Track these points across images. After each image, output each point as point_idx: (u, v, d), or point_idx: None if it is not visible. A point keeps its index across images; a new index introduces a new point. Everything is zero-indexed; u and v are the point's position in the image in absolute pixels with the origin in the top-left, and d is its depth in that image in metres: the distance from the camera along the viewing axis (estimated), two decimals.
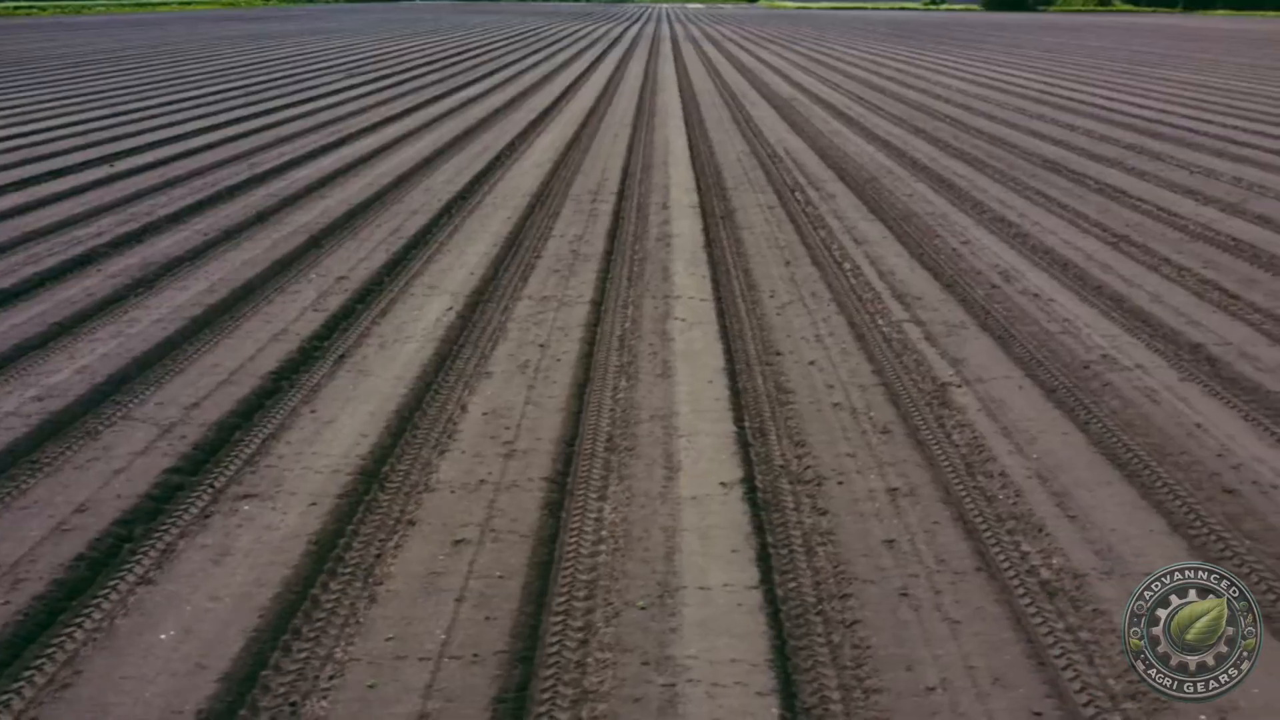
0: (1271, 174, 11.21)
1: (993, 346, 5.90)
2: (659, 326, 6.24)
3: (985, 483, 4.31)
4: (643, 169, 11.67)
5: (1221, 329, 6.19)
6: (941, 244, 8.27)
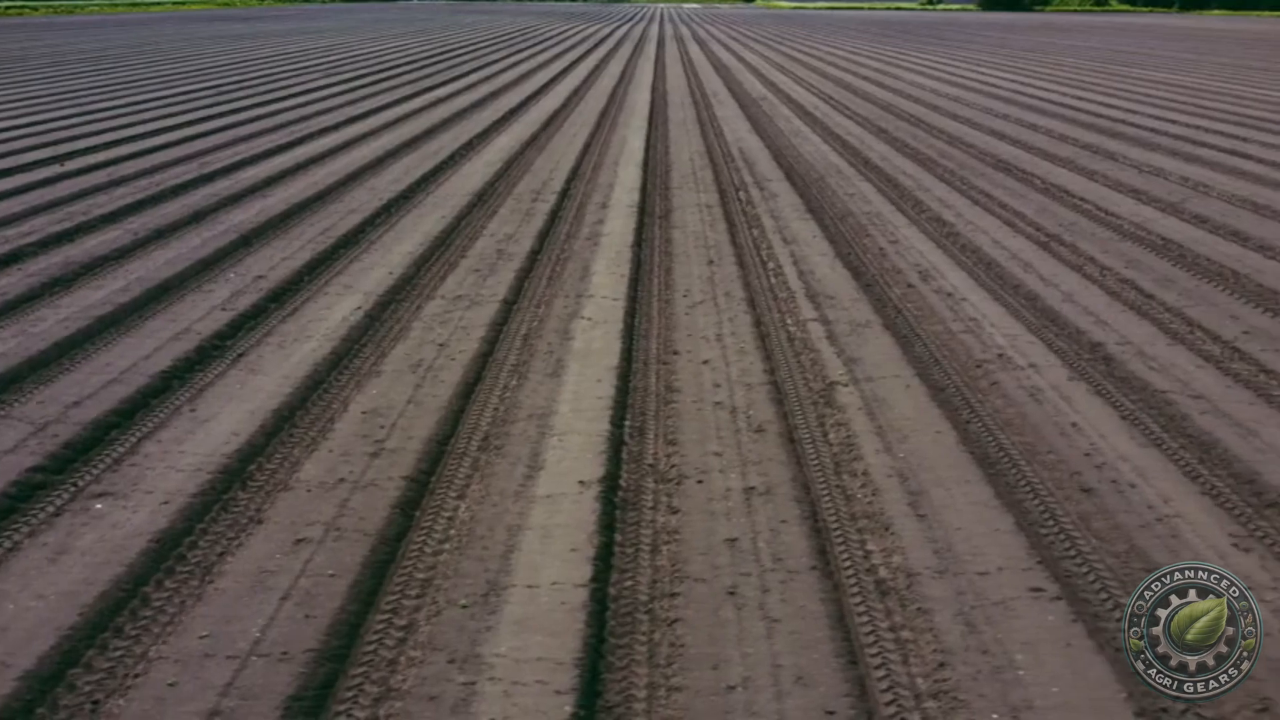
0: (1220, 174, 11.20)
1: (892, 345, 5.89)
2: (563, 326, 6.24)
3: (848, 481, 4.32)
4: (593, 168, 11.67)
5: (1126, 328, 6.19)
6: (870, 243, 8.27)
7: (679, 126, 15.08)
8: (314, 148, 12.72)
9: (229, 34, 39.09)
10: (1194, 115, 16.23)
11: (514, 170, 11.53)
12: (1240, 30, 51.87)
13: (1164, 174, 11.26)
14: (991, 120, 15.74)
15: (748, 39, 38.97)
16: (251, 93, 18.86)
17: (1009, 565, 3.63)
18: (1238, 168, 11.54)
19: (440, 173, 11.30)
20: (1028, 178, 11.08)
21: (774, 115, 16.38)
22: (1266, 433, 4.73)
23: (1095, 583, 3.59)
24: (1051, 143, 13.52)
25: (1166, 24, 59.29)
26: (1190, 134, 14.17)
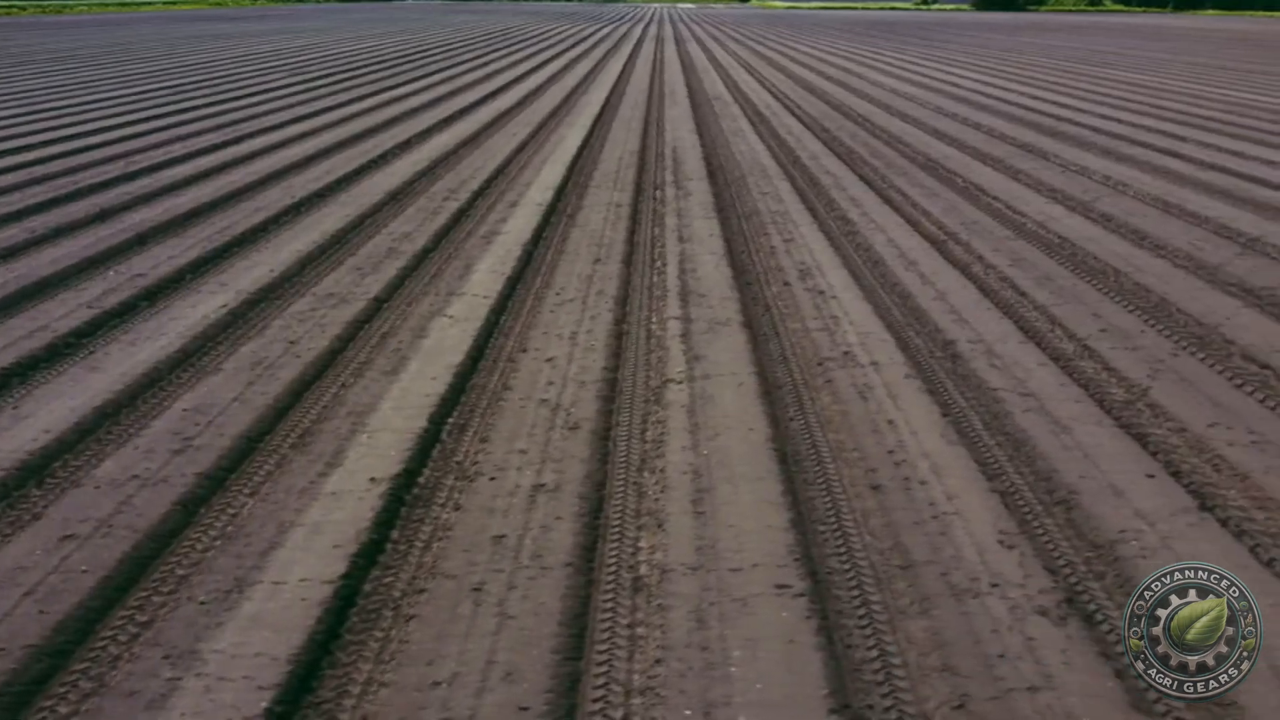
0: (1143, 172, 11.20)
1: (743, 344, 5.89)
2: (423, 324, 6.25)
3: (645, 479, 4.31)
4: (521, 168, 11.67)
5: (985, 326, 6.19)
6: (765, 242, 8.27)
7: (623, 125, 15.08)
8: (246, 148, 12.72)
9: (208, 34, 39.11)
10: (1142, 115, 16.21)
11: (440, 169, 11.54)
12: (1227, 30, 51.83)
13: (1088, 173, 11.25)
14: (938, 119, 15.73)
15: (728, 39, 38.96)
16: (209, 92, 18.88)
17: (765, 562, 3.63)
18: (1164, 166, 11.53)
19: (365, 172, 11.30)
20: (950, 176, 11.08)
21: (722, 115, 16.38)
22: (1080, 431, 4.73)
23: (850, 580, 3.58)
24: (988, 142, 13.52)
25: (1156, 24, 59.22)
26: (1131, 133, 14.16)
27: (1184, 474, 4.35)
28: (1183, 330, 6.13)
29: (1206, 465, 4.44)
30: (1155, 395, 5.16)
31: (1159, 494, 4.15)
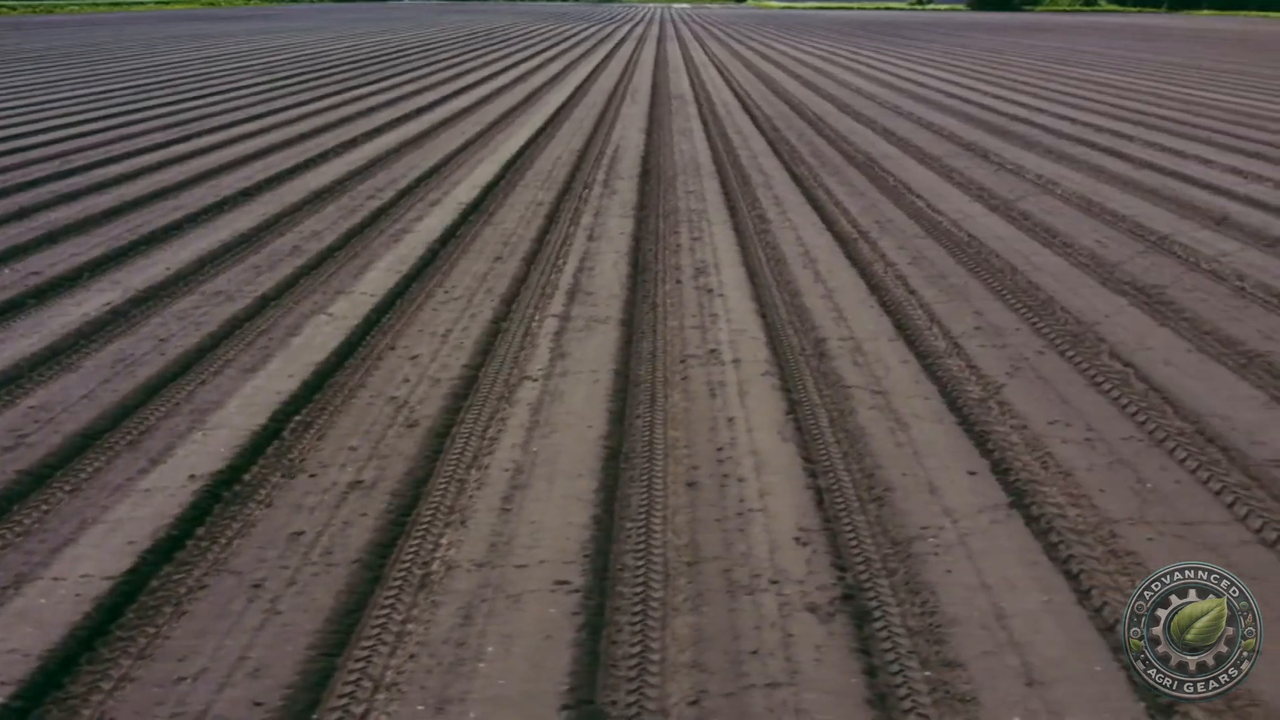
0: (1077, 171, 11.20)
1: (615, 341, 5.89)
2: (300, 322, 6.24)
3: (470, 474, 4.31)
4: (457, 165, 11.67)
5: (863, 324, 6.18)
6: (673, 240, 8.26)
7: (574, 125, 15.07)
8: (188, 147, 12.72)
9: (190, 34, 39.12)
10: (1100, 115, 16.19)
11: (375, 167, 11.53)
12: (1219, 30, 51.77)
13: (1023, 171, 11.25)
14: (893, 119, 15.72)
15: (710, 39, 38.92)
16: (171, 93, 18.88)
17: (552, 559, 3.63)
18: (1101, 165, 11.53)
19: (298, 171, 11.30)
20: (882, 175, 11.07)
21: (677, 114, 16.37)
22: (919, 429, 4.73)
23: (637, 577, 3.58)
24: (934, 141, 13.51)
25: (1148, 24, 59.11)
26: (1080, 133, 14.15)
27: (1010, 471, 4.35)
28: (1060, 328, 6.12)
29: (1035, 462, 4.43)
30: (1008, 393, 5.15)
31: (974, 491, 4.14)
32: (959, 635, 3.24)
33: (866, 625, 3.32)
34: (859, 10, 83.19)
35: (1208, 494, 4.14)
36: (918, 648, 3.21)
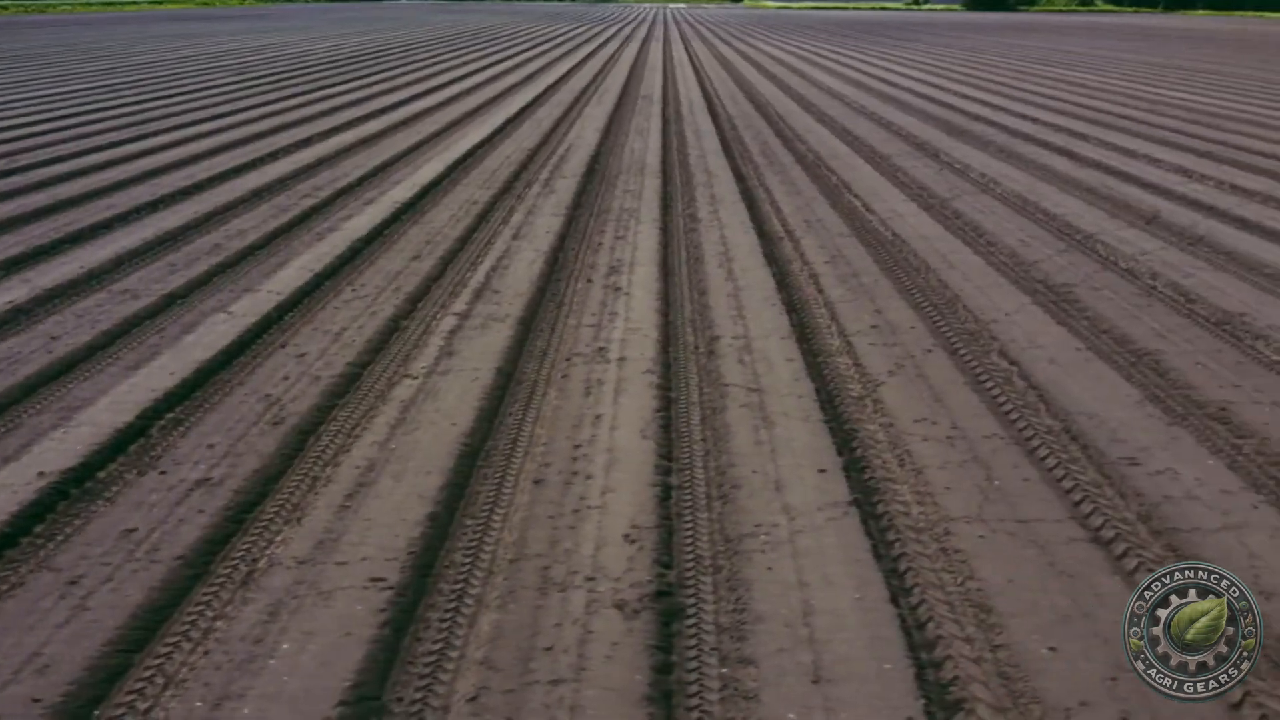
0: (1022, 170, 11.21)
1: (502, 341, 5.87)
2: (198, 320, 6.24)
3: (323, 473, 4.30)
4: (404, 164, 11.66)
5: (759, 323, 6.19)
6: (597, 239, 8.27)
7: (534, 124, 15.07)
8: (138, 146, 12.71)
9: (177, 33, 39.13)
10: (1061, 114, 16.19)
11: (322, 166, 11.54)
12: (1209, 30, 51.70)
13: (967, 170, 11.25)
14: (853, 118, 15.73)
15: (698, 39, 38.89)
16: (138, 93, 18.88)
17: (375, 556, 3.63)
18: (1047, 164, 11.55)
19: (243, 170, 11.29)
20: (826, 175, 11.07)
21: (640, 113, 16.37)
22: (784, 426, 4.74)
23: (459, 575, 3.57)
24: (888, 140, 13.51)
25: (1140, 24, 59.09)
26: (1036, 131, 14.15)
27: (866, 469, 4.35)
28: (957, 326, 6.12)
29: (894, 460, 4.43)
30: (884, 391, 5.15)
31: (819, 489, 4.14)
32: (761, 632, 3.23)
33: (676, 622, 3.32)
34: (854, 10, 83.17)
35: (1055, 492, 4.13)
36: (720, 645, 3.20)
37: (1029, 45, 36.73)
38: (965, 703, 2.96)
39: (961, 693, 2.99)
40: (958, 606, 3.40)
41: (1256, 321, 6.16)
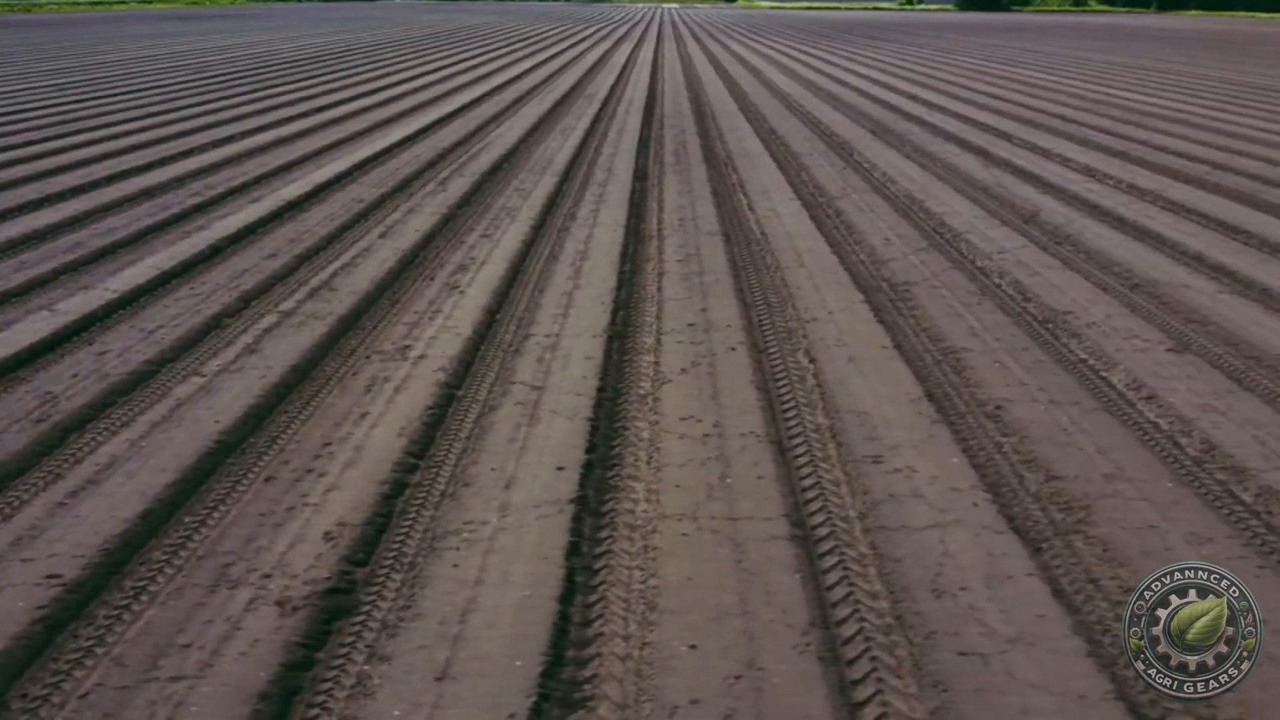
0: (924, 168, 11.20)
1: (310, 339, 5.82)
2: (16, 318, 6.23)
3: (57, 468, 4.29)
4: (309, 164, 11.64)
5: (575, 322, 6.18)
6: (459, 239, 8.24)
7: (463, 123, 15.06)
8: (51, 145, 12.73)
9: (152, 33, 39.19)
10: (996, 113, 16.22)
11: (228, 165, 11.51)
12: (1193, 30, 51.63)
13: (871, 170, 11.26)
14: (785, 118, 15.74)
15: (674, 39, 38.83)
16: (79, 93, 18.86)
17: (43, 556, 3.60)
18: (953, 164, 11.57)
19: (147, 169, 11.25)
20: (726, 174, 11.07)
21: (574, 112, 16.36)
22: (546, 426, 4.71)
23: (148, 573, 3.56)
24: (808, 139, 13.53)
25: (1128, 24, 58.98)
26: (961, 130, 14.16)
27: (613, 466, 4.33)
28: (776, 325, 6.11)
29: (643, 458, 4.41)
30: (668, 389, 5.14)
31: (548, 487, 4.12)
32: (413, 630, 3.22)
33: (339, 620, 3.30)
34: (847, 10, 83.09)
35: (785, 490, 4.11)
36: (375, 643, 3.18)
37: (1003, 46, 36.69)
38: (591, 700, 2.94)
39: (592, 690, 2.98)
40: (631, 604, 3.38)
41: (1078, 320, 6.15)
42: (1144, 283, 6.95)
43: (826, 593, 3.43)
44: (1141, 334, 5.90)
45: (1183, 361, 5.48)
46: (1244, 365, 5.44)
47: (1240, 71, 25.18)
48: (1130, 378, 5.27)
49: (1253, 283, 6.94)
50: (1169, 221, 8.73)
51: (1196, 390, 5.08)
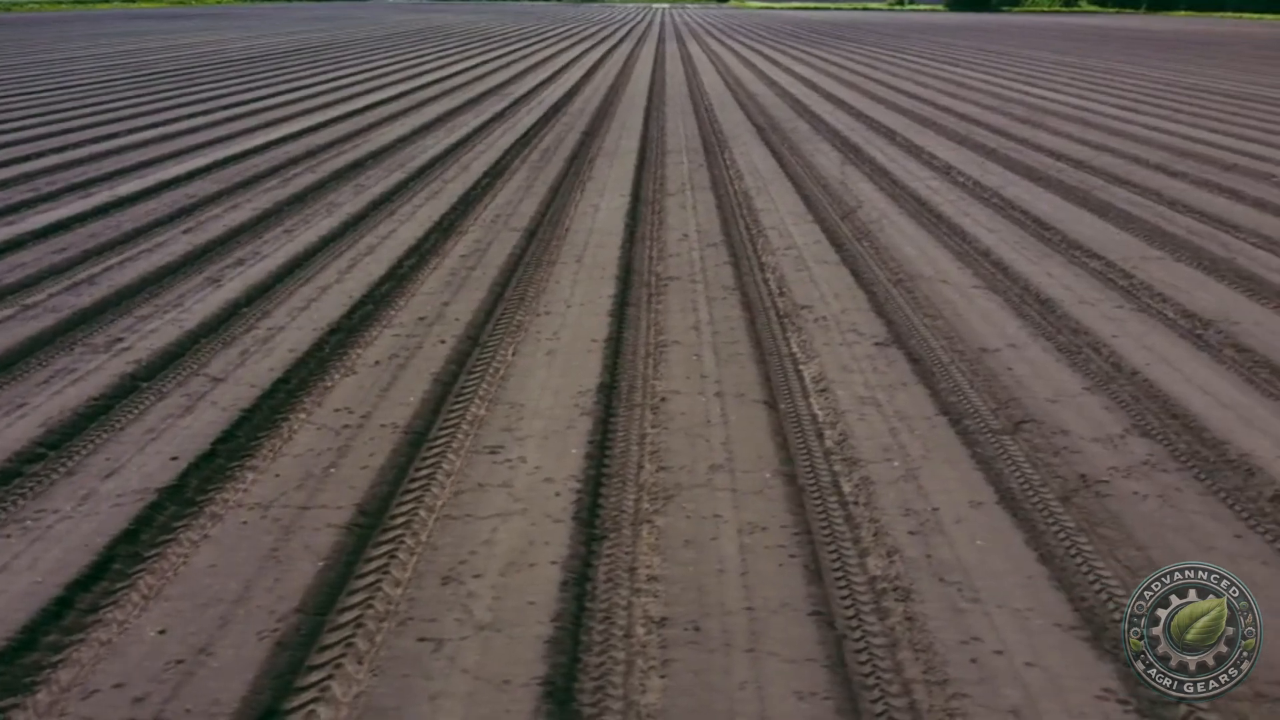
0: (783, 168, 11.26)
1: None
2: None
3: None
4: (172, 163, 11.66)
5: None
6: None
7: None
8: None
9: (114, 32, 39.25)
10: (899, 112, 16.25)
11: (85, 164, 11.53)
12: (1173, 31, 51.50)
13: (728, 166, 11.31)
14: (684, 116, 15.75)
15: (652, 40, 38.80)
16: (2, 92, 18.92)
17: None
18: (811, 160, 11.73)
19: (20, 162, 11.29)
20: (581, 170, 11.06)
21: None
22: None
23: None
24: (689, 137, 13.57)
25: (1111, 25, 58.87)
26: (848, 129, 14.25)
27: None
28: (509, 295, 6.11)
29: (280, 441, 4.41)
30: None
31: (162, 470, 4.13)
32: None
33: None
34: (835, 11, 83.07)
35: (379, 480, 4.11)
36: None
37: (960, 46, 36.62)
38: None
39: None
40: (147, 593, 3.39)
41: (813, 313, 6.15)
42: (907, 278, 6.96)
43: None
44: (861, 327, 5.91)
45: (881, 355, 5.48)
46: (940, 360, 5.44)
47: (1180, 73, 25.14)
48: (820, 371, 5.27)
49: (1017, 279, 6.95)
50: (983, 218, 8.75)
51: (870, 383, 5.09)
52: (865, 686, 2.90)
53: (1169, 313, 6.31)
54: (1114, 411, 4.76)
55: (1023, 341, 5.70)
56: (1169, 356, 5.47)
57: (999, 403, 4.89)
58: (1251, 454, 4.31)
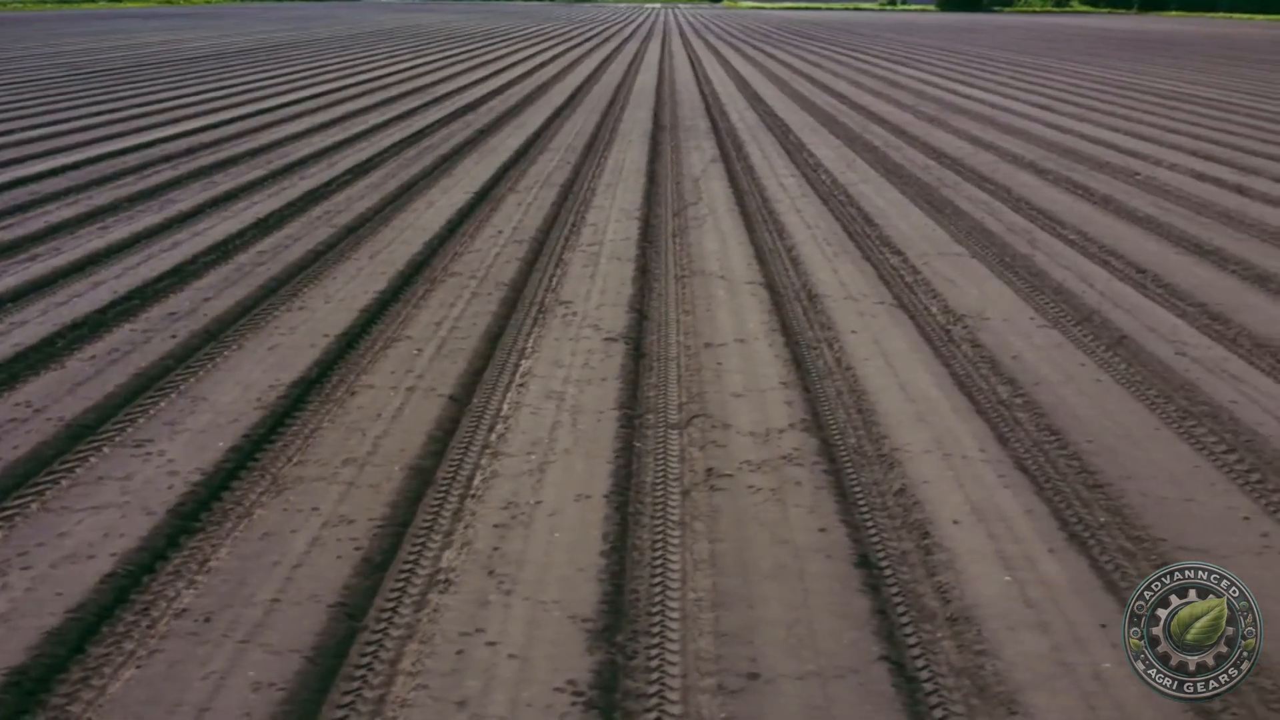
0: (652, 165, 11.20)
1: None
2: None
3: None
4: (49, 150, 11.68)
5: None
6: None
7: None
8: None
9: (75, 31, 39.27)
10: (818, 111, 16.19)
11: None
12: (1159, 32, 51.33)
13: (599, 164, 11.25)
14: (586, 116, 15.73)
15: (637, 40, 38.74)
16: None
17: None
18: (684, 160, 11.52)
19: None
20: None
21: (378, 109, 16.39)
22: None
23: None
24: (586, 134, 13.51)
25: (1094, 25, 58.82)
26: (751, 128, 14.40)
27: None
28: None
29: None
30: None
31: None
32: None
33: None
34: (825, 10, 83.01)
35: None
36: None
37: (928, 47, 36.50)
38: None
39: None
40: None
41: (572, 305, 6.13)
42: (689, 274, 7.01)
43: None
44: (604, 322, 5.89)
45: (604, 349, 5.46)
46: (664, 355, 5.44)
47: (1126, 73, 25.06)
48: (530, 366, 5.25)
49: (802, 275, 6.95)
50: (812, 215, 8.78)
51: (570, 378, 5.06)
52: None
53: (933, 309, 6.29)
54: (794, 405, 4.73)
55: (757, 336, 5.67)
56: (890, 352, 5.45)
57: (689, 397, 4.87)
58: (903, 448, 4.29)
